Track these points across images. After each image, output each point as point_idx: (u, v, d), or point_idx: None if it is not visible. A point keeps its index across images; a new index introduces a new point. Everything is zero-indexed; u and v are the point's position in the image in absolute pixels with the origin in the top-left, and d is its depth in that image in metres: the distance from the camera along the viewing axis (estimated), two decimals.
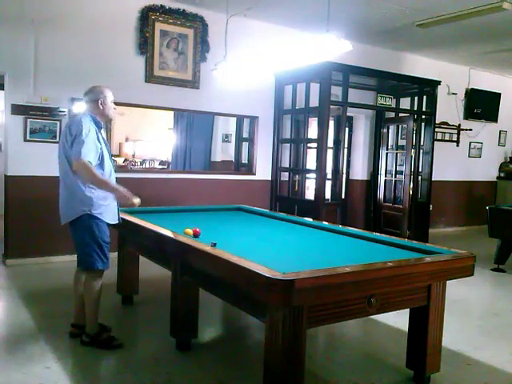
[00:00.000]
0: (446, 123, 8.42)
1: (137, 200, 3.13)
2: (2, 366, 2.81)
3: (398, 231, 6.82)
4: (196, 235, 2.99)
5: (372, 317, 3.54)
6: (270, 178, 6.72)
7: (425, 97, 6.94)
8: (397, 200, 7.22)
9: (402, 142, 7.36)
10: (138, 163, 11.25)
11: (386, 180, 7.48)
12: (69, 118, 5.19)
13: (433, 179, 7.07)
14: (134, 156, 12.43)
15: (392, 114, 7.50)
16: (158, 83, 5.74)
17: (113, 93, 3.20)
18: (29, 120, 5.06)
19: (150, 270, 4.09)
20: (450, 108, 8.41)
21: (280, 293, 2.05)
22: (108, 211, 3.09)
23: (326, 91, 5.81)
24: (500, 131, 9.48)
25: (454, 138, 8.73)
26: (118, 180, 3.23)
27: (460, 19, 5.76)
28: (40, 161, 5.08)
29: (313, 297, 2.12)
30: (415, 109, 6.88)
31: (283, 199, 6.63)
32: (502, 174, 9.53)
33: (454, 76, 8.36)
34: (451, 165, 8.64)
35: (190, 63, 5.94)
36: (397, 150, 7.44)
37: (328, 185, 6.45)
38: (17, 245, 5.14)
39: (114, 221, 3.18)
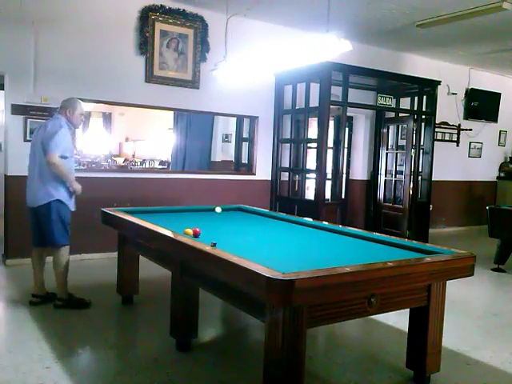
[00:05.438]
0: (446, 123, 8.42)
1: (79, 187, 3.81)
2: (2, 366, 2.80)
3: (398, 231, 6.82)
4: (196, 235, 2.99)
5: (372, 317, 3.54)
6: (269, 178, 6.72)
7: (425, 97, 6.93)
8: (397, 200, 7.22)
9: (402, 142, 7.36)
10: (138, 163, 11.27)
11: (385, 180, 7.47)
12: None
13: (433, 179, 7.07)
14: (133, 156, 12.45)
15: (392, 114, 7.49)
16: (158, 83, 5.74)
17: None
18: (29, 120, 5.05)
19: (150, 270, 4.09)
20: (449, 108, 8.41)
21: (280, 293, 2.05)
22: (69, 199, 3.80)
23: (325, 91, 5.81)
24: (500, 131, 9.48)
25: (454, 138, 8.73)
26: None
27: (460, 19, 5.76)
28: None
29: (313, 297, 2.12)
30: (415, 109, 6.87)
31: (283, 199, 6.62)
32: (502, 174, 9.53)
33: (454, 76, 8.36)
34: (451, 165, 8.63)
35: (190, 63, 5.93)
36: (397, 150, 7.44)
37: (328, 185, 6.45)
38: (17, 245, 5.12)
39: (73, 208, 3.85)
